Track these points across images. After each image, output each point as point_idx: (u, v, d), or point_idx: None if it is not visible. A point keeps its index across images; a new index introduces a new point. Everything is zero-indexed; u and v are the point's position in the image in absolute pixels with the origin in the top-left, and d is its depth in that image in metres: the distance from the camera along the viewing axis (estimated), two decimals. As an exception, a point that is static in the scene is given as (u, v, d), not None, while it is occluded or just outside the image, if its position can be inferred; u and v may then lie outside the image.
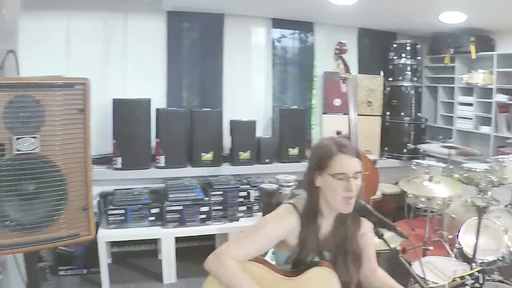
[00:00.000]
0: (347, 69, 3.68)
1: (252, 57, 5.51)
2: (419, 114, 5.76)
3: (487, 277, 2.28)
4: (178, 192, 4.41)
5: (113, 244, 4.75)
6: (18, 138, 1.23)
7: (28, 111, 1.26)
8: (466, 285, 2.01)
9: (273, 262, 2.05)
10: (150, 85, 5.03)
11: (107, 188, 4.59)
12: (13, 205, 1.24)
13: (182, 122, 4.80)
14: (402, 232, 1.81)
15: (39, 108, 1.28)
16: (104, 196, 4.53)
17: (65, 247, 4.26)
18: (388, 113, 5.75)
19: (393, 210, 5.10)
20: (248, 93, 5.48)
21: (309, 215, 1.96)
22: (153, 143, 4.76)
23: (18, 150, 1.24)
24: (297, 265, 1.97)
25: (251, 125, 5.03)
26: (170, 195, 4.35)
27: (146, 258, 4.83)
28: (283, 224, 1.96)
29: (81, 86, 1.39)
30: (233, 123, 5.03)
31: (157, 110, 4.76)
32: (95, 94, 4.51)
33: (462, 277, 2.05)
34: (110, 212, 4.18)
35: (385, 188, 5.07)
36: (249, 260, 1.92)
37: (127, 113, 4.55)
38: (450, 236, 3.74)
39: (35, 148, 1.26)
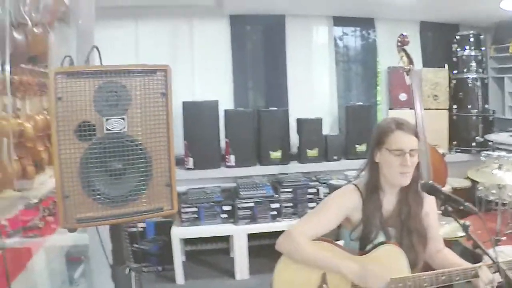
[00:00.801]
0: (410, 61, 3.65)
1: (314, 56, 5.53)
2: (486, 106, 5.57)
3: None
4: (249, 190, 4.50)
5: (187, 242, 4.88)
6: (107, 119, 1.35)
7: (115, 95, 1.36)
8: None
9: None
10: (217, 87, 5.16)
11: (179, 188, 4.73)
12: (102, 180, 1.35)
13: (249, 122, 4.89)
14: (473, 207, 1.80)
15: (125, 93, 1.38)
16: (178, 195, 4.67)
17: (141, 245, 4.44)
18: (455, 106, 5.58)
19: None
20: (312, 92, 5.50)
21: (370, 190, 2.04)
22: (223, 143, 4.86)
23: (107, 130, 1.35)
24: (364, 244, 2.03)
25: (318, 122, 5.05)
26: (241, 193, 4.44)
27: (218, 255, 4.93)
28: (347, 200, 2.06)
29: (163, 73, 1.49)
30: (299, 121, 5.06)
31: (225, 111, 4.87)
32: (165, 98, 4.82)
33: None
34: (183, 210, 4.33)
35: (454, 182, 4.93)
36: (318, 240, 2.01)
37: (196, 115, 4.68)
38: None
39: (123, 128, 1.36)
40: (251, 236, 4.41)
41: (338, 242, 2.14)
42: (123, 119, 1.36)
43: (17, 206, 2.37)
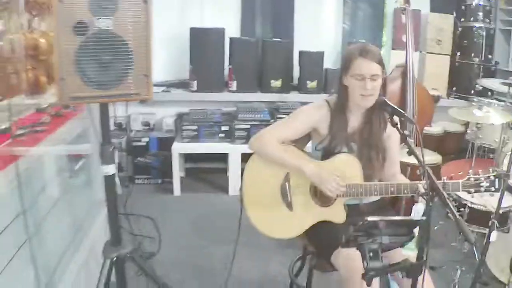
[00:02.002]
0: (406, 1, 3.88)
1: None
2: (490, 56, 5.67)
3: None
4: (247, 114, 4.82)
5: (187, 159, 5.26)
6: (98, 19, 1.64)
7: (106, 1, 1.66)
8: (481, 186, 2.15)
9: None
10: (225, 15, 5.35)
11: (183, 109, 5.07)
12: (93, 69, 1.64)
13: (253, 51, 5.10)
14: (411, 118, 2.07)
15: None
16: (180, 115, 5.03)
17: (143, 158, 4.84)
18: (458, 53, 5.67)
19: (455, 150, 5.17)
20: (318, 26, 5.65)
21: (338, 109, 2.29)
22: (226, 69, 5.11)
23: (97, 27, 1.65)
24: (327, 155, 2.30)
25: (319, 56, 5.23)
26: (240, 115, 4.77)
27: (216, 174, 5.27)
28: (316, 112, 2.32)
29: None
30: (302, 53, 5.24)
31: (231, 39, 5.09)
32: (174, 24, 5.04)
33: (477, 179, 2.16)
34: (184, 127, 4.69)
35: (449, 126, 5.13)
36: (287, 143, 2.31)
37: (203, 41, 4.90)
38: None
39: (110, 27, 1.67)
40: (244, 156, 4.70)
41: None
42: (110, 19, 1.65)
43: (29, 110, 2.67)
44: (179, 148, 4.70)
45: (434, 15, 5.65)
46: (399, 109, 2.05)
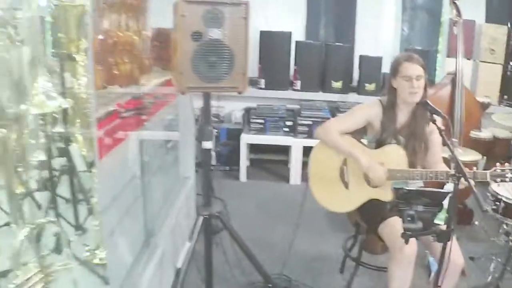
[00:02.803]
0: (458, 14, 4.26)
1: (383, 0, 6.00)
2: (543, 67, 5.79)
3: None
4: (310, 111, 5.32)
5: (252, 150, 5.75)
6: (209, 29, 2.19)
7: (215, 16, 2.19)
8: (506, 177, 2.42)
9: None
10: (291, 19, 5.79)
11: (251, 104, 5.60)
12: (204, 67, 2.16)
13: (317, 53, 5.55)
14: (443, 114, 2.47)
15: (221, 15, 2.19)
16: (248, 110, 5.57)
17: (215, 146, 5.39)
18: (510, 63, 5.78)
19: (504, 155, 5.29)
20: (378, 33, 5.99)
21: (389, 106, 2.75)
22: (291, 69, 5.58)
23: (209, 36, 2.20)
24: (379, 145, 2.77)
25: (378, 61, 5.62)
26: (303, 112, 5.28)
27: (278, 165, 5.79)
28: (371, 109, 2.80)
29: (244, 5, 2.27)
30: (362, 57, 5.65)
31: (297, 42, 5.57)
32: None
33: (503, 170, 2.43)
34: (252, 121, 5.26)
35: (498, 132, 5.34)
36: (346, 134, 2.79)
37: (270, 43, 5.39)
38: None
39: (218, 36, 2.20)
40: (306, 149, 5.11)
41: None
42: (219, 30, 2.19)
43: (125, 97, 3.24)
44: (246, 138, 5.28)
45: (489, 26, 5.85)
46: (437, 109, 2.48)
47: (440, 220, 2.31)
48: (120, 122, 2.73)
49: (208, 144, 2.48)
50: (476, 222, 3.98)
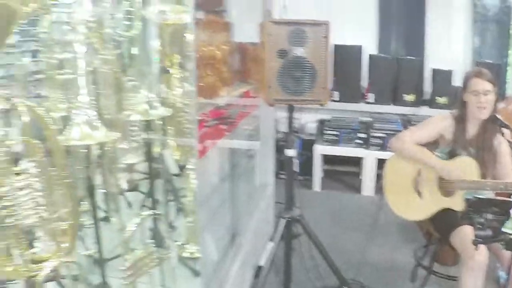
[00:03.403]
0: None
1: (453, 13, 5.99)
2: None
3: None
4: (382, 123, 5.43)
5: (325, 162, 5.90)
6: (294, 47, 2.42)
7: (299, 35, 2.41)
8: None
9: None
10: (363, 33, 5.92)
11: (324, 116, 5.79)
12: (289, 81, 2.38)
13: (389, 67, 5.65)
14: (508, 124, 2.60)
15: (305, 34, 2.41)
16: (322, 121, 5.76)
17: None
18: None
19: None
20: (448, 46, 5.97)
21: (459, 119, 2.87)
22: (363, 82, 5.72)
23: (294, 53, 2.42)
24: (451, 157, 2.88)
25: (449, 74, 5.64)
26: (375, 125, 5.41)
27: (349, 176, 5.93)
28: (443, 121, 2.93)
29: (325, 25, 2.47)
30: (434, 71, 5.70)
31: (370, 55, 5.71)
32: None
33: None
34: (326, 132, 5.44)
35: None
36: (420, 145, 2.92)
37: (344, 56, 5.56)
38: None
39: (302, 53, 2.42)
40: (380, 162, 5.23)
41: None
42: (303, 48, 2.41)
43: (209, 107, 3.50)
44: (320, 149, 5.47)
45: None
46: (506, 123, 2.59)
47: (507, 229, 2.41)
48: (206, 131, 2.99)
49: (291, 152, 2.70)
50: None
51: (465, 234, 2.60)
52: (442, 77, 5.66)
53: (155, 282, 2.13)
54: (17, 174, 1.48)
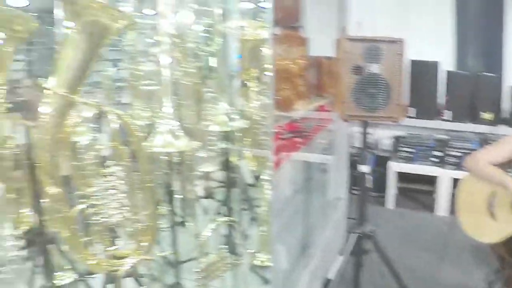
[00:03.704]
0: None
1: None
2: None
3: None
4: (459, 142, 5.31)
5: (399, 179, 5.80)
6: (369, 64, 2.47)
7: (374, 52, 2.46)
8: None
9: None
10: (439, 48, 5.81)
11: (398, 132, 5.74)
12: (363, 97, 2.43)
13: (467, 83, 5.52)
14: None
15: (379, 51, 2.46)
16: (397, 137, 5.71)
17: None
18: None
19: None
20: None
21: None
22: (440, 99, 5.61)
23: (368, 70, 2.47)
24: None
25: (529, 92, 5.43)
26: (452, 143, 5.31)
27: (423, 195, 5.82)
28: None
29: (400, 43, 2.49)
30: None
31: (448, 72, 5.60)
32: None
33: None
34: (401, 149, 5.40)
35: None
36: (496, 165, 2.87)
37: (420, 72, 5.49)
38: None
39: (377, 70, 2.47)
40: (455, 181, 5.11)
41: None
42: (377, 65, 2.46)
43: (285, 120, 3.58)
44: (395, 166, 5.41)
45: None
46: None
47: None
48: (281, 143, 3.09)
49: (364, 168, 2.73)
50: None
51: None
52: (522, 95, 5.47)
53: (226, 287, 2.22)
54: (105, 176, 1.62)
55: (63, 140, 1.56)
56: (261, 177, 2.83)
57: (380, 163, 5.54)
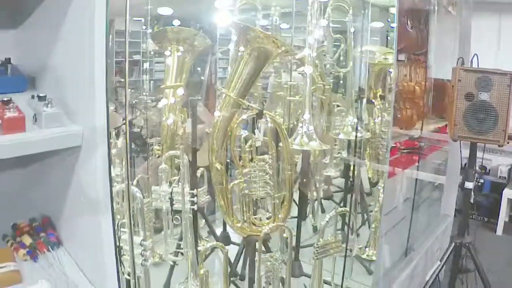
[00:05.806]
0: None
1: None
2: None
3: None
4: None
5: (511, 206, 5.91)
6: (480, 92, 2.80)
7: (485, 82, 2.77)
8: None
9: None
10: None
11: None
12: (473, 121, 2.73)
13: None
14: None
15: (490, 82, 2.74)
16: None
17: (474, 196, 5.71)
18: None
19: None
20: None
21: None
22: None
23: (479, 98, 2.80)
24: None
25: None
26: None
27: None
28: None
29: (510, 75, 2.71)
30: None
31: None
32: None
33: None
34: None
35: None
36: None
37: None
38: None
39: (486, 98, 2.78)
40: None
41: None
42: (487, 93, 2.78)
43: (403, 137, 3.90)
44: (509, 193, 5.54)
45: None
46: None
47: None
48: (397, 157, 3.47)
49: (469, 184, 3.05)
50: None
51: None
52: None
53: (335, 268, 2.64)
54: (257, 161, 2.17)
55: (230, 132, 2.12)
56: (377, 186, 3.24)
57: (495, 189, 5.68)
